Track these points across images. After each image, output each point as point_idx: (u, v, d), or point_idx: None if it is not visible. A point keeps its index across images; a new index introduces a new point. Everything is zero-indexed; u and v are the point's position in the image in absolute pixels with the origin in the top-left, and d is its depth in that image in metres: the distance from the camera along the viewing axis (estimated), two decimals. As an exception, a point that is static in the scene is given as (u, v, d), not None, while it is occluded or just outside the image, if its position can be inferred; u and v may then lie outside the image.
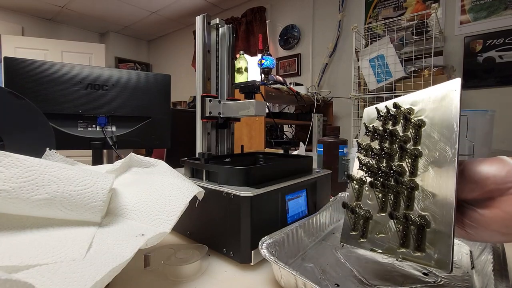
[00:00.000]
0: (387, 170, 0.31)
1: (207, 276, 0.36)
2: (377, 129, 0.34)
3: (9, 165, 0.28)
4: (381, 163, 0.32)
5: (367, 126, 0.35)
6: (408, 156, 0.30)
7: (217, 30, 0.65)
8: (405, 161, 0.30)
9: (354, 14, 2.33)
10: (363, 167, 0.33)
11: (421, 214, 0.28)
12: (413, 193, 0.29)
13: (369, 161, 0.33)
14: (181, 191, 0.37)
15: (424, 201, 0.28)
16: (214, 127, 0.64)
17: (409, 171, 0.30)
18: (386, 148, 0.32)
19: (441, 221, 0.26)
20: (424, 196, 0.28)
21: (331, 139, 0.71)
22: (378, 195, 0.32)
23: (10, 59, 0.72)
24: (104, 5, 3.17)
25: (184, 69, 3.81)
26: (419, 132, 0.30)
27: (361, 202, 0.33)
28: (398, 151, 0.31)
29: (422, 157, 0.29)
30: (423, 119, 0.30)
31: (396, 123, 0.33)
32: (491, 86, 1.74)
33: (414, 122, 0.31)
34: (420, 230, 0.27)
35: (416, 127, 0.30)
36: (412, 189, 0.29)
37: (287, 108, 2.29)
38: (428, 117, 0.30)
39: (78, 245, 0.27)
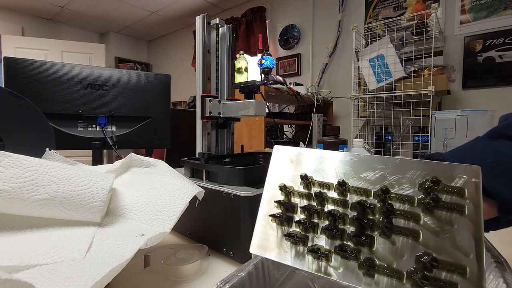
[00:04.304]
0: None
1: (207, 276, 0.36)
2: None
3: (9, 165, 0.28)
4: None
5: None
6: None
7: (217, 30, 0.65)
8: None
9: (354, 14, 2.33)
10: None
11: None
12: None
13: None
14: (181, 191, 0.37)
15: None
16: (214, 127, 0.64)
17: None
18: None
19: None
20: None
21: (331, 139, 0.71)
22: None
23: (10, 59, 0.72)
24: (104, 5, 3.17)
25: (184, 69, 3.81)
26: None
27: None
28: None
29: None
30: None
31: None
32: (491, 86, 1.74)
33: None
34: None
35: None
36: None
37: (287, 108, 2.29)
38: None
39: (78, 245, 0.27)
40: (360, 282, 0.23)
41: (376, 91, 1.68)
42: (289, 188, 0.29)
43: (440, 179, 0.24)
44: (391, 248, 0.24)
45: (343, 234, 0.25)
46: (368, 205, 0.25)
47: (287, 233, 0.27)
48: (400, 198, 0.25)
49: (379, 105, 1.71)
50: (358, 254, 0.24)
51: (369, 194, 0.26)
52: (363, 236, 0.25)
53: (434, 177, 0.24)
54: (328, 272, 0.24)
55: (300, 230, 0.27)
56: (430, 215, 0.24)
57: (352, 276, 0.23)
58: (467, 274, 0.20)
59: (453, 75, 1.80)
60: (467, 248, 0.21)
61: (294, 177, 0.30)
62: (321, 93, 2.25)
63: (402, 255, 0.23)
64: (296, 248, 0.26)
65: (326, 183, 0.28)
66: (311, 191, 0.28)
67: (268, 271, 0.33)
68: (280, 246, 0.27)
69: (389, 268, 0.23)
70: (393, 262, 0.23)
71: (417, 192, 0.25)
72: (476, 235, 0.22)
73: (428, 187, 0.24)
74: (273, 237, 0.27)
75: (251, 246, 0.27)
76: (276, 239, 0.27)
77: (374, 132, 1.75)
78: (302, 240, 0.26)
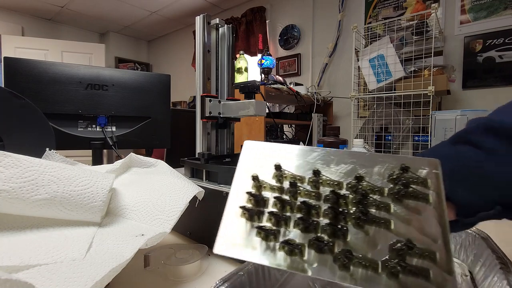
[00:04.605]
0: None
1: (207, 276, 0.36)
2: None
3: (9, 165, 0.28)
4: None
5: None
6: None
7: (217, 30, 0.65)
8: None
9: (354, 14, 2.33)
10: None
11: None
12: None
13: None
14: (181, 191, 0.37)
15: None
16: (214, 127, 0.64)
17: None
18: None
19: None
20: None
21: (331, 139, 0.71)
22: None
23: (10, 59, 0.72)
24: (104, 5, 3.17)
25: (184, 69, 3.81)
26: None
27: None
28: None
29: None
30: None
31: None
32: (491, 86, 1.74)
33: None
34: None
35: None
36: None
37: (287, 108, 2.29)
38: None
39: (78, 245, 0.27)
40: (334, 276, 0.22)
41: (376, 91, 1.68)
42: (261, 181, 0.28)
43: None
44: (365, 238, 0.24)
45: (317, 226, 0.25)
46: (342, 194, 0.26)
47: (258, 226, 0.25)
48: (371, 188, 0.26)
49: (379, 105, 1.71)
50: (333, 246, 0.23)
51: (341, 186, 0.27)
52: (337, 227, 0.24)
53: (402, 164, 0.26)
54: (302, 268, 0.23)
55: (271, 224, 0.26)
56: (399, 204, 0.25)
57: (327, 270, 0.23)
58: (437, 259, 0.21)
59: (453, 75, 1.80)
60: (434, 234, 0.23)
61: (264, 172, 0.28)
62: (321, 93, 2.25)
63: (376, 245, 0.23)
64: (267, 243, 0.24)
65: (298, 176, 0.28)
66: (283, 185, 0.28)
67: (268, 271, 0.33)
68: (248, 243, 0.25)
69: (364, 258, 0.22)
70: (368, 253, 0.23)
71: (386, 183, 0.26)
72: (441, 221, 0.23)
73: (396, 178, 0.26)
74: (241, 234, 0.25)
75: (215, 247, 0.25)
76: (245, 235, 0.25)
77: (374, 132, 1.75)
78: (274, 234, 0.25)
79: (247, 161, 0.30)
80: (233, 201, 0.27)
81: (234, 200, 0.27)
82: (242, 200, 0.27)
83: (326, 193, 0.26)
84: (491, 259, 0.30)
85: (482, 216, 0.27)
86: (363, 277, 0.22)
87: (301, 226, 0.25)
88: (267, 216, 0.26)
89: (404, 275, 0.21)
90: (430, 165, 0.26)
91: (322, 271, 0.23)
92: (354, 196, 0.26)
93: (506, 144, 0.26)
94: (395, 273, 0.21)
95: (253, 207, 0.27)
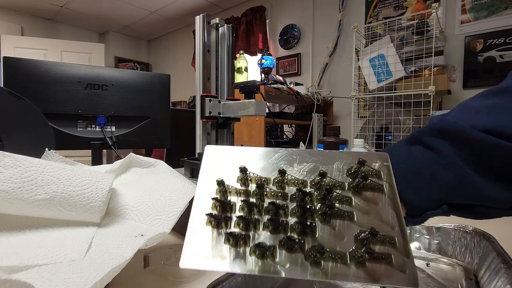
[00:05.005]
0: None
1: (207, 277, 0.36)
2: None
3: (8, 165, 0.28)
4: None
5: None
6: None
7: (217, 29, 0.65)
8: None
9: (354, 13, 2.33)
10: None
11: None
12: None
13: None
14: (181, 191, 0.37)
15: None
16: (214, 127, 0.64)
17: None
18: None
19: None
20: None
21: (331, 139, 0.71)
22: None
23: (10, 59, 0.72)
24: (104, 4, 3.16)
25: (184, 69, 3.81)
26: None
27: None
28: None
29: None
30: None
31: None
32: (491, 85, 1.74)
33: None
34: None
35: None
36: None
37: (287, 108, 2.29)
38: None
39: (78, 246, 0.27)
40: (306, 273, 0.22)
41: (377, 91, 1.68)
42: (226, 186, 0.27)
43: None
44: (332, 232, 0.24)
45: (286, 226, 0.25)
46: (308, 191, 0.26)
47: (227, 232, 0.24)
48: (333, 184, 0.27)
49: (380, 105, 1.71)
50: (303, 243, 0.24)
51: (305, 185, 0.27)
52: (306, 225, 0.25)
53: (360, 158, 0.27)
54: (275, 270, 0.22)
55: (240, 230, 0.25)
56: (359, 196, 0.26)
57: (300, 269, 0.23)
58: (396, 244, 0.23)
59: (453, 75, 1.80)
60: (391, 221, 0.24)
61: (229, 176, 0.28)
62: (321, 93, 2.25)
63: (342, 238, 0.24)
64: (236, 250, 0.23)
65: (264, 178, 0.28)
66: (248, 188, 0.27)
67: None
68: (217, 252, 0.23)
69: (333, 252, 0.23)
70: (336, 246, 0.24)
71: (346, 178, 0.28)
72: (396, 209, 0.25)
73: (354, 172, 0.27)
74: (209, 243, 0.24)
75: (181, 261, 0.23)
76: (213, 243, 0.24)
77: (375, 132, 1.75)
78: (243, 239, 0.24)
79: (209, 166, 0.29)
80: (198, 209, 0.26)
81: (198, 208, 0.26)
82: (207, 207, 0.26)
83: (292, 193, 0.27)
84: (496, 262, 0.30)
85: (428, 215, 0.28)
86: (333, 270, 0.22)
87: (270, 227, 0.25)
88: (235, 221, 0.25)
89: (370, 262, 0.22)
90: (381, 159, 0.28)
91: (294, 271, 0.22)
92: (319, 192, 0.27)
93: (455, 147, 0.26)
94: (362, 262, 0.22)
95: (219, 213, 0.26)
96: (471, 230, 0.38)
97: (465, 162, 0.25)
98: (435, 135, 0.28)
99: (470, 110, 0.28)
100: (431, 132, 0.28)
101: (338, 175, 0.28)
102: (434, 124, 0.28)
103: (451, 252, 0.39)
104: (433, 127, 0.28)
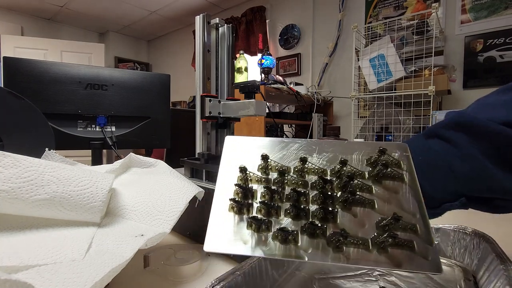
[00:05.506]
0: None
1: (207, 276, 0.36)
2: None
3: (8, 165, 0.28)
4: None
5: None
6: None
7: (217, 29, 0.65)
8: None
9: (354, 13, 2.33)
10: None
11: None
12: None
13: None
14: (181, 191, 0.37)
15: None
16: (214, 127, 0.64)
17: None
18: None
19: None
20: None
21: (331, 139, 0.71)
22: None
23: (10, 59, 0.72)
24: (104, 4, 3.16)
25: (184, 69, 3.81)
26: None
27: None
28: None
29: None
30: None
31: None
32: (491, 85, 1.74)
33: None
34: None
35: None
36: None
37: (287, 108, 2.29)
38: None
39: (78, 246, 0.27)
40: (327, 258, 0.23)
41: (377, 91, 1.68)
42: (248, 174, 0.28)
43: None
44: (353, 219, 0.25)
45: (307, 212, 0.25)
46: (329, 179, 0.27)
47: (249, 218, 0.25)
48: (354, 172, 0.27)
49: (380, 105, 1.71)
50: (325, 229, 0.24)
51: (325, 173, 0.28)
52: (327, 211, 0.25)
53: (380, 147, 0.27)
54: (297, 255, 0.23)
55: (262, 216, 0.25)
56: (379, 185, 0.27)
57: (321, 254, 0.23)
58: (418, 231, 0.23)
59: (453, 75, 1.80)
60: (412, 209, 0.25)
61: (249, 164, 0.28)
62: (321, 93, 2.25)
63: (364, 225, 0.24)
64: (258, 235, 0.24)
65: (284, 166, 0.28)
66: (269, 176, 0.28)
67: (266, 272, 0.32)
68: (239, 237, 0.24)
69: (355, 237, 0.23)
70: (358, 233, 0.24)
71: (365, 167, 0.28)
72: (417, 197, 0.25)
73: (374, 161, 0.28)
74: (232, 228, 0.25)
75: (206, 244, 0.24)
76: (235, 229, 0.25)
77: (375, 132, 1.75)
78: (266, 224, 0.24)
79: (230, 155, 0.30)
80: (220, 196, 0.27)
81: (221, 194, 0.27)
82: (229, 194, 0.27)
83: (313, 181, 0.27)
84: (495, 264, 0.30)
85: (446, 207, 0.28)
86: (355, 255, 0.23)
87: (292, 213, 0.25)
88: (257, 207, 0.26)
89: (392, 248, 0.23)
90: (400, 149, 0.28)
91: (316, 255, 0.23)
92: (339, 181, 0.27)
93: (473, 140, 0.26)
94: (384, 248, 0.23)
95: (241, 200, 0.26)
96: (470, 232, 0.38)
97: (484, 155, 0.25)
98: (452, 128, 0.28)
99: (486, 105, 0.28)
100: (449, 125, 0.28)
101: (357, 164, 0.28)
102: (451, 118, 0.29)
103: (450, 253, 0.39)
104: (451, 120, 0.28)
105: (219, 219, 0.26)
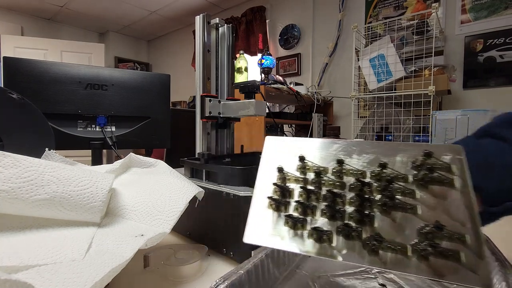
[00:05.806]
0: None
1: (207, 277, 0.36)
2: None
3: (8, 165, 0.28)
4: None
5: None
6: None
7: (217, 29, 0.65)
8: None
9: (354, 13, 2.33)
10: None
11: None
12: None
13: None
14: (181, 191, 0.37)
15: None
16: (214, 127, 0.64)
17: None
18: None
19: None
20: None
21: (331, 139, 0.71)
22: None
23: (10, 59, 0.72)
24: (104, 4, 3.16)
25: (184, 69, 3.81)
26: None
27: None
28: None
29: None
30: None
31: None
32: (492, 85, 1.74)
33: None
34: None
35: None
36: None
37: (287, 108, 2.29)
38: None
39: (78, 246, 0.27)
40: (363, 260, 0.22)
41: (377, 91, 1.68)
42: (286, 173, 0.29)
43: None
44: (392, 224, 0.24)
45: (343, 214, 0.25)
46: (367, 182, 0.26)
47: (286, 215, 0.26)
48: (395, 176, 0.26)
49: (380, 105, 1.71)
50: (361, 232, 0.24)
51: (364, 176, 0.27)
52: (364, 214, 0.25)
53: (425, 150, 0.26)
54: (332, 254, 0.23)
55: (298, 214, 0.26)
56: (424, 190, 0.25)
57: (356, 255, 0.23)
58: (467, 241, 0.21)
59: (453, 75, 1.80)
60: (462, 218, 0.22)
61: (288, 165, 0.29)
62: (321, 93, 2.24)
63: (403, 230, 0.23)
64: (295, 232, 0.25)
65: (322, 167, 0.28)
66: (306, 176, 0.28)
67: (267, 270, 0.33)
68: (277, 232, 0.25)
69: (393, 242, 0.23)
70: (396, 237, 0.23)
71: (410, 170, 0.26)
72: (468, 205, 0.23)
73: (420, 164, 0.26)
74: (269, 224, 0.26)
75: (245, 236, 0.25)
76: (273, 224, 0.26)
77: (375, 132, 1.75)
78: (301, 222, 0.25)
79: (270, 155, 0.30)
80: (260, 193, 0.28)
81: (260, 192, 0.28)
82: (268, 192, 0.28)
83: (351, 182, 0.27)
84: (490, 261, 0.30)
85: (507, 206, 0.26)
86: (393, 260, 0.22)
87: (327, 214, 0.25)
88: (293, 206, 0.27)
89: (434, 257, 0.21)
90: (452, 151, 0.26)
91: (351, 257, 0.23)
92: (379, 184, 0.26)
93: None
94: (425, 256, 0.21)
95: (279, 198, 0.27)
96: None
97: None
98: (505, 127, 0.27)
99: None
100: (501, 124, 0.28)
101: (401, 167, 0.26)
102: (503, 117, 0.28)
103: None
104: (503, 120, 0.28)
105: (258, 213, 0.27)
